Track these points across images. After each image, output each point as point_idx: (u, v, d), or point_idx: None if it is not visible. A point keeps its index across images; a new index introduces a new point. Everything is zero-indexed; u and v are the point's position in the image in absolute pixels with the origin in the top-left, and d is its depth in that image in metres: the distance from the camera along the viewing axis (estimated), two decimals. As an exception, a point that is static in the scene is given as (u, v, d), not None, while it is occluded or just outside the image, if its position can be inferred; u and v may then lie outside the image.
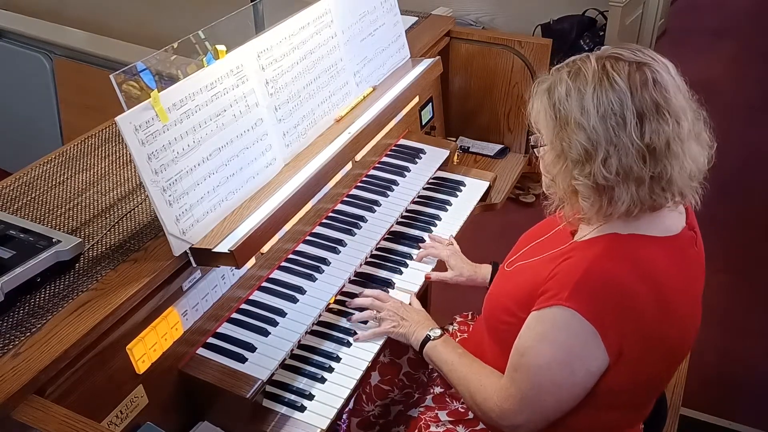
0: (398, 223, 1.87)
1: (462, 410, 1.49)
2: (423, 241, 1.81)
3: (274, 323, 1.52)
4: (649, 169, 1.16)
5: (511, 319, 1.32)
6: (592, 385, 1.23)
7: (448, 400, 1.53)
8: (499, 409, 1.31)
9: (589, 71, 1.17)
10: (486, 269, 1.73)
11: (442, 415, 1.50)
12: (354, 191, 1.92)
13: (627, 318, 1.19)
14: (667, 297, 1.21)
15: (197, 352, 1.45)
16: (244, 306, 1.56)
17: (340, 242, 1.74)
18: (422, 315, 1.57)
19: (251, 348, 1.46)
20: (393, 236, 1.83)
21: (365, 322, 1.57)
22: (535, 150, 1.32)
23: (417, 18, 2.38)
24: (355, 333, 1.54)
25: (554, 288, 1.22)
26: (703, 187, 1.25)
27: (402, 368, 1.66)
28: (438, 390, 1.56)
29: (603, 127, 1.15)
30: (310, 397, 1.41)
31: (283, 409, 1.40)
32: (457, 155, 2.18)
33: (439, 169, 2.06)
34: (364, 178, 1.97)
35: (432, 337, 1.49)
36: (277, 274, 1.64)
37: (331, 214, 1.83)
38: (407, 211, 1.91)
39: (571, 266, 1.22)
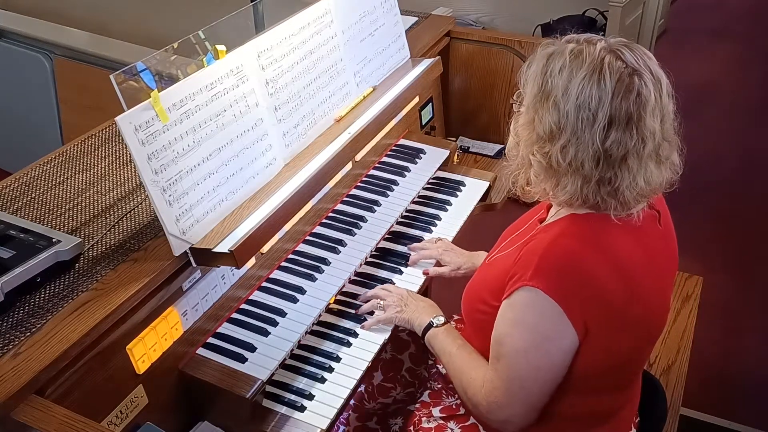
0: (398, 223, 1.87)
1: (455, 406, 1.50)
2: (423, 240, 1.81)
3: (274, 323, 1.52)
4: (598, 172, 1.19)
5: (487, 308, 1.34)
6: (569, 364, 1.24)
7: (443, 394, 1.53)
8: (486, 403, 1.32)
9: (588, 57, 1.18)
10: (482, 257, 1.73)
11: (435, 411, 1.50)
12: (354, 191, 1.92)
13: (588, 293, 1.20)
14: (627, 272, 1.22)
15: (197, 352, 1.45)
16: (244, 306, 1.56)
17: (340, 242, 1.74)
18: (428, 302, 1.58)
19: (251, 348, 1.46)
20: (393, 236, 1.83)
21: (371, 313, 1.57)
22: (513, 105, 1.33)
23: (417, 18, 2.38)
24: (358, 331, 1.54)
25: (519, 271, 1.24)
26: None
27: (404, 364, 1.67)
28: (437, 386, 1.56)
29: (575, 115, 1.17)
30: (310, 397, 1.41)
31: (283, 409, 1.40)
32: (457, 155, 2.18)
33: (439, 169, 2.06)
34: (364, 178, 1.97)
35: (435, 324, 1.50)
36: (277, 274, 1.64)
37: (331, 214, 1.83)
38: (407, 211, 1.91)
39: (532, 247, 1.25)
